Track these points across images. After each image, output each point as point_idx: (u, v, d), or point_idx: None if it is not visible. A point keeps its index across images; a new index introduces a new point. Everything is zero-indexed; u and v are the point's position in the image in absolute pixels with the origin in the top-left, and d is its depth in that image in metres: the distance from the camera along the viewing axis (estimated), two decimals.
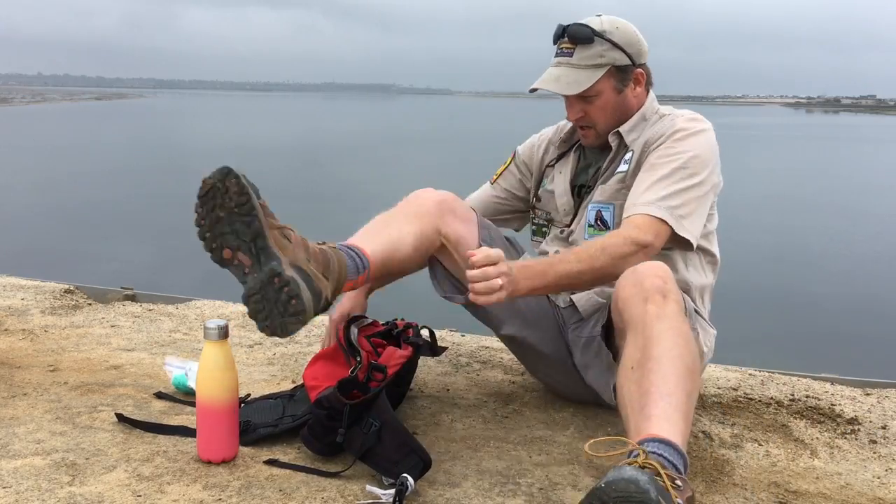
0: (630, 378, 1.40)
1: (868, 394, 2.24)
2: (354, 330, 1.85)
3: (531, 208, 2.09)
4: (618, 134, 1.88)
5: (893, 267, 10.42)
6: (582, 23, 1.83)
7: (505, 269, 1.53)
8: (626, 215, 1.74)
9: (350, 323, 1.87)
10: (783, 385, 2.28)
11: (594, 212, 1.88)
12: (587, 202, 1.91)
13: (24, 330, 2.51)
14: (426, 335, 1.92)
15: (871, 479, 1.71)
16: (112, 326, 2.61)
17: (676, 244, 1.78)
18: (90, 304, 2.90)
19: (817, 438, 1.91)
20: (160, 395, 1.94)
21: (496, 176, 2.15)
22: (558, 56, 1.86)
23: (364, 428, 1.54)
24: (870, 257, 11.08)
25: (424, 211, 1.79)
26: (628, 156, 1.85)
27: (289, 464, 1.58)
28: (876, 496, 1.64)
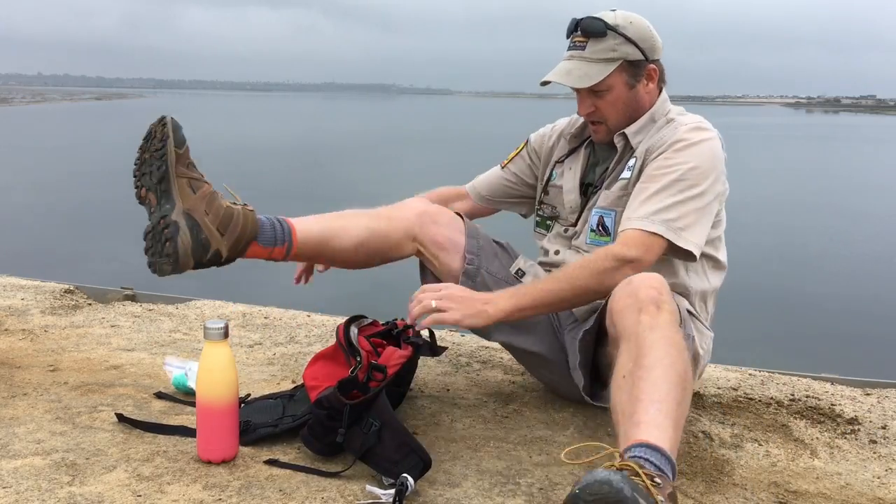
0: (621, 387, 1.40)
1: (868, 394, 2.24)
2: (354, 330, 1.85)
3: (539, 202, 2.09)
4: (623, 135, 1.87)
5: (893, 267, 10.41)
6: (595, 16, 1.83)
7: (444, 293, 1.65)
8: (620, 230, 1.75)
9: (350, 323, 1.87)
10: (783, 385, 2.28)
11: (597, 217, 1.88)
12: (592, 203, 1.91)
13: (24, 330, 2.51)
14: (426, 335, 1.92)
15: (871, 479, 1.72)
16: (112, 326, 2.61)
17: (678, 255, 1.77)
18: (90, 304, 2.91)
19: (817, 438, 1.91)
20: (160, 395, 1.94)
21: (507, 161, 2.16)
22: (571, 49, 1.85)
23: (364, 428, 1.54)
24: (870, 257, 11.06)
25: (399, 216, 1.85)
26: (632, 162, 1.84)
27: (289, 464, 1.58)
28: (876, 496, 1.64)
